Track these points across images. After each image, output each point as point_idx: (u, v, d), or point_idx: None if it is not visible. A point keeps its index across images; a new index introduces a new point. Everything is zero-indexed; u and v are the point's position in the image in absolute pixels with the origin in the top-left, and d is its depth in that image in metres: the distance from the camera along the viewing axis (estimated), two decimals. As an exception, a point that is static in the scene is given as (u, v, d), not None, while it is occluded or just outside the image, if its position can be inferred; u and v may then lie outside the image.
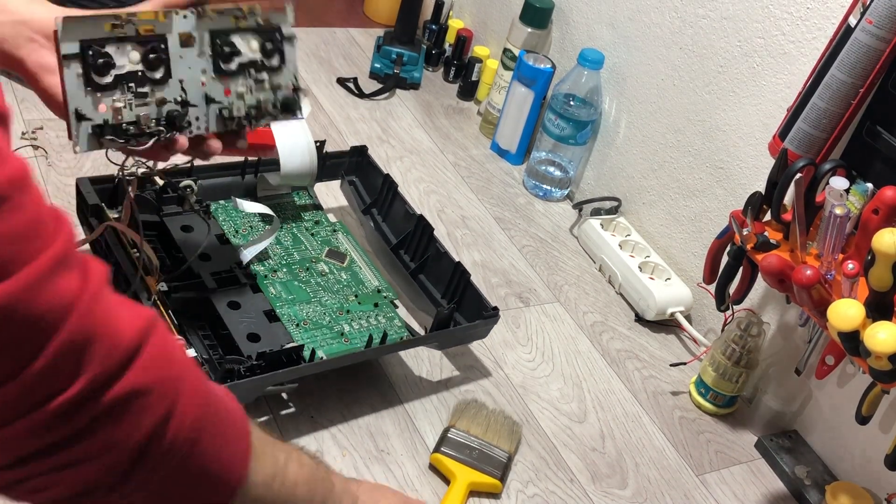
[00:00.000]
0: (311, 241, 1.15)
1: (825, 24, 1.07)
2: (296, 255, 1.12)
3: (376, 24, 1.79)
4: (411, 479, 0.96)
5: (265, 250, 1.09)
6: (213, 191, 1.14)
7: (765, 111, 1.16)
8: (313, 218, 1.18)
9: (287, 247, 1.12)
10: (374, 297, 1.10)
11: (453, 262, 1.09)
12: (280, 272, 1.08)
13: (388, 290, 1.12)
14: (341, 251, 1.14)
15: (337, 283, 1.10)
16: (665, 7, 1.30)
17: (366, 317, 1.07)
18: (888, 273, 0.80)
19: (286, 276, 1.08)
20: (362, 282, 1.11)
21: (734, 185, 1.21)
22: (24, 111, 1.27)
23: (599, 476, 1.04)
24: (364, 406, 1.03)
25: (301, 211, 1.19)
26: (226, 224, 1.12)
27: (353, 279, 1.11)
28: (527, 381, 1.13)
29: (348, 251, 1.14)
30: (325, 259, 1.12)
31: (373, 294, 1.10)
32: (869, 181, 0.96)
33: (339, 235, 1.17)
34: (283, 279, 1.08)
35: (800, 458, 1.12)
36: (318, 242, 1.15)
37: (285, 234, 1.14)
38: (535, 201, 1.46)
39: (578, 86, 1.40)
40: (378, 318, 1.07)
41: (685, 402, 1.18)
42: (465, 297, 1.08)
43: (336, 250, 1.14)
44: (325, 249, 1.14)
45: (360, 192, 1.23)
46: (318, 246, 1.14)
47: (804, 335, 1.11)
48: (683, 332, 1.28)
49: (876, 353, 0.79)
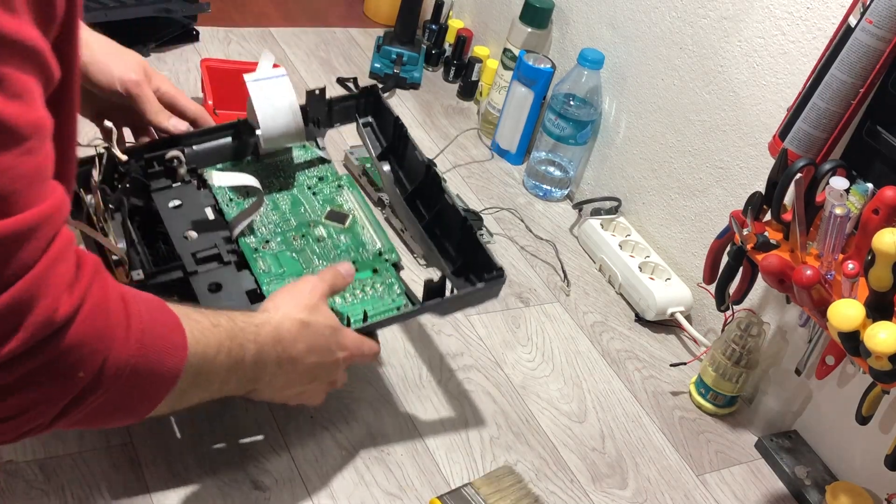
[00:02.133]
0: (311, 201, 1.05)
1: (825, 24, 1.07)
2: (293, 220, 1.02)
3: (376, 24, 1.79)
4: (411, 479, 0.96)
5: (254, 222, 1.01)
6: (207, 156, 1.03)
7: (765, 111, 1.16)
8: (318, 174, 1.08)
9: (284, 212, 1.03)
10: (374, 262, 1.01)
11: (461, 218, 1.00)
12: (273, 242, 0.99)
13: (390, 252, 1.02)
14: (344, 210, 1.05)
15: (335, 248, 1.01)
16: (665, 7, 1.30)
17: (361, 286, 0.98)
18: (888, 273, 0.80)
19: (279, 247, 0.99)
20: (363, 244, 1.02)
21: (734, 185, 1.21)
22: (23, 111, 1.27)
23: (599, 476, 1.04)
24: (364, 406, 1.03)
25: (306, 168, 1.09)
26: (220, 192, 1.02)
27: (353, 242, 1.02)
28: (527, 381, 1.13)
29: (352, 209, 1.05)
30: (324, 222, 1.03)
31: (373, 258, 1.01)
32: (869, 181, 0.96)
33: (345, 191, 1.07)
34: (274, 251, 0.99)
35: (800, 458, 1.12)
36: (320, 202, 1.05)
37: (283, 197, 1.05)
38: (535, 201, 1.46)
39: (578, 86, 1.40)
40: (375, 287, 0.98)
41: (685, 402, 1.18)
42: (474, 254, 0.98)
43: (338, 210, 1.04)
44: (327, 210, 1.04)
45: (378, 134, 1.11)
46: (320, 207, 1.05)
47: (804, 335, 1.11)
48: (683, 332, 1.28)
49: (876, 353, 0.79)
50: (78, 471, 0.86)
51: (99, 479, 0.86)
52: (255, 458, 0.93)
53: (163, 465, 0.89)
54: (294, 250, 1.00)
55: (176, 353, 0.66)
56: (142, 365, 0.62)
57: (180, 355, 0.67)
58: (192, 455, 0.91)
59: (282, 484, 0.91)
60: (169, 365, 0.66)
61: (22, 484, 0.84)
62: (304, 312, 0.83)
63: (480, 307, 1.21)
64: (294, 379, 0.84)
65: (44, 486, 0.84)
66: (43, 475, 0.85)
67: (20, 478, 0.84)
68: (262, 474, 0.91)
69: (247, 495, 0.89)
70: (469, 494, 0.94)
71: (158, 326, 0.65)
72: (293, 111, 1.03)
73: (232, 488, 0.89)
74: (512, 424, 1.06)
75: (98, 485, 0.85)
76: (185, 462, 0.90)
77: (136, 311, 0.62)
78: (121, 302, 0.61)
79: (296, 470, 0.93)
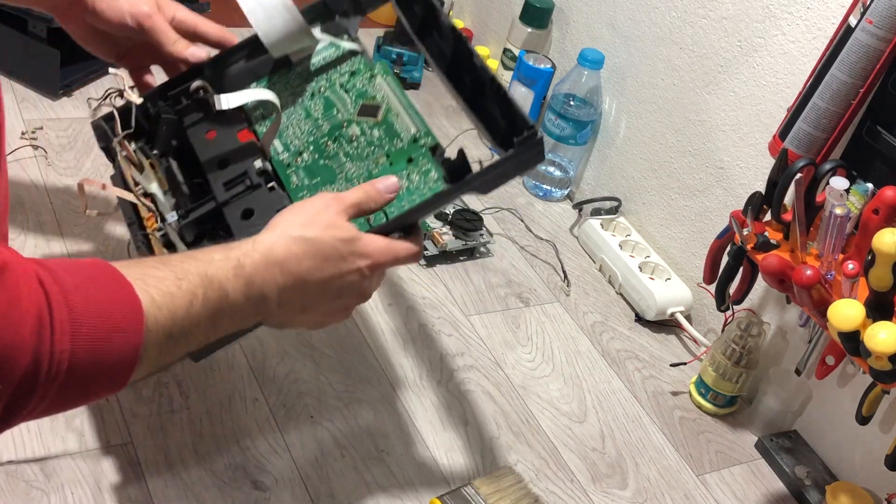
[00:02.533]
0: (343, 101, 0.98)
1: (825, 24, 1.07)
2: (325, 125, 0.96)
3: (376, 24, 1.79)
4: (411, 479, 0.96)
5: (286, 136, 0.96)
6: (238, 78, 0.99)
7: (765, 111, 1.16)
8: (350, 68, 1.01)
9: (316, 119, 0.97)
10: (409, 150, 0.93)
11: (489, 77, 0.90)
12: (305, 153, 0.94)
13: (426, 136, 0.94)
14: (376, 102, 0.97)
15: (368, 145, 0.94)
16: (665, 7, 1.30)
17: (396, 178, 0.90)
18: (888, 273, 0.80)
19: (311, 157, 0.94)
20: (398, 134, 0.95)
21: (734, 185, 1.21)
22: (23, 111, 1.27)
23: (599, 476, 1.04)
24: (364, 406, 1.03)
25: (338, 65, 1.02)
26: (255, 114, 0.97)
27: (386, 134, 0.95)
28: (527, 381, 1.13)
29: (385, 98, 0.98)
30: (357, 119, 0.97)
31: (408, 146, 0.94)
32: (869, 181, 0.96)
33: (378, 80, 0.99)
34: (307, 162, 0.94)
35: (800, 458, 1.12)
36: (353, 98, 0.98)
37: (316, 103, 0.98)
38: (535, 201, 1.46)
39: (578, 86, 1.40)
40: (411, 178, 0.91)
41: (685, 402, 1.18)
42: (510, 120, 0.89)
43: (370, 103, 0.97)
44: (359, 106, 0.98)
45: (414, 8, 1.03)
46: (352, 104, 0.98)
47: (804, 335, 1.11)
48: (683, 332, 1.28)
49: (876, 353, 0.79)
50: (78, 471, 0.86)
51: (99, 479, 0.86)
52: (255, 458, 0.93)
53: (163, 465, 0.89)
54: (327, 156, 0.95)
55: (127, 329, 0.61)
56: (82, 357, 0.58)
57: (132, 330, 0.61)
58: (192, 455, 0.91)
59: (282, 484, 0.91)
60: (120, 345, 0.60)
61: (22, 484, 0.84)
62: (305, 229, 0.75)
63: (480, 307, 1.21)
64: (312, 300, 0.76)
65: (44, 486, 0.84)
66: (43, 475, 0.85)
67: (20, 478, 0.84)
68: (262, 474, 0.91)
69: (247, 495, 0.89)
70: (469, 494, 0.94)
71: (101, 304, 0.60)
72: (286, 7, 0.97)
73: (232, 488, 0.89)
74: (512, 424, 1.06)
75: (98, 485, 0.85)
76: (185, 462, 0.90)
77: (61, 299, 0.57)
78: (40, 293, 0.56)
79: (296, 470, 0.93)
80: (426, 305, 1.19)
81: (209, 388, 0.98)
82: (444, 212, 1.31)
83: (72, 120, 1.28)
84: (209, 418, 0.95)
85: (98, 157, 1.23)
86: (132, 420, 0.92)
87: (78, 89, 1.35)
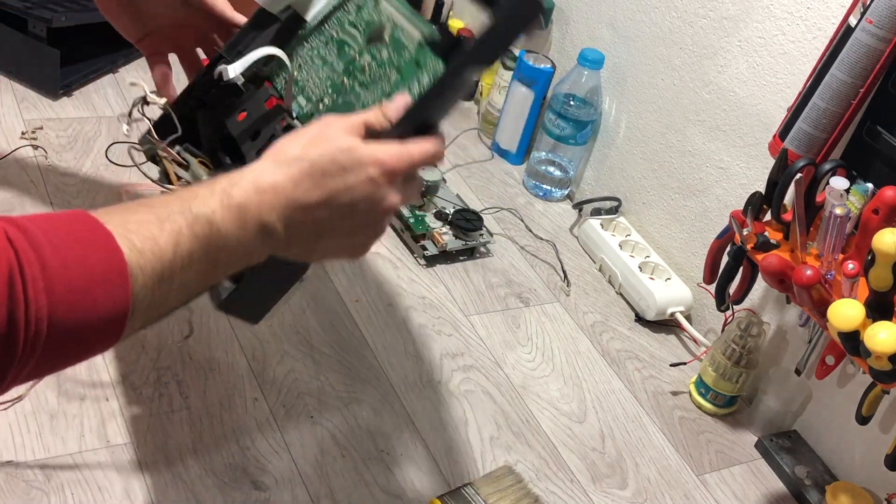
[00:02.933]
0: (354, 36, 0.97)
1: (825, 24, 1.07)
2: (339, 66, 0.96)
3: (376, 24, 1.79)
4: (411, 479, 0.96)
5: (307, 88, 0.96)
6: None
7: (765, 111, 1.16)
8: (356, 3, 1.00)
9: (331, 63, 0.97)
10: (417, 56, 0.92)
11: None
12: (326, 98, 0.94)
13: (431, 34, 0.92)
14: (381, 24, 0.96)
15: (379, 67, 0.93)
16: (665, 7, 1.30)
17: (406, 87, 0.90)
18: (888, 273, 0.80)
19: (331, 100, 0.94)
20: (405, 46, 0.94)
21: (734, 185, 1.21)
22: (24, 111, 1.27)
23: (599, 476, 1.04)
24: (364, 406, 1.03)
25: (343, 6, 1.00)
26: (278, 80, 0.97)
27: (394, 50, 0.94)
28: (527, 381, 1.13)
29: (389, 15, 0.96)
30: (367, 48, 0.95)
31: (416, 53, 0.92)
32: (869, 181, 0.96)
33: (382, 4, 0.98)
34: (328, 105, 0.93)
35: (800, 458, 1.12)
36: (362, 31, 0.97)
37: (330, 49, 0.98)
38: (535, 201, 1.46)
39: (578, 86, 1.40)
40: (420, 81, 0.90)
41: (685, 402, 1.18)
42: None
43: (376, 28, 0.96)
44: (367, 36, 0.96)
45: None
46: (362, 36, 0.97)
47: (804, 335, 1.11)
48: (683, 332, 1.28)
49: (876, 353, 0.79)
50: (78, 471, 0.86)
51: (99, 479, 0.86)
52: (255, 458, 0.93)
53: (163, 465, 0.89)
54: (345, 93, 0.94)
55: (110, 280, 0.58)
56: (63, 312, 0.55)
57: (115, 280, 0.58)
58: (192, 455, 0.91)
59: (282, 484, 0.91)
60: (104, 297, 0.58)
61: (22, 484, 0.84)
62: (296, 148, 0.69)
63: (480, 307, 1.21)
64: (323, 223, 0.70)
65: (44, 486, 0.84)
66: (43, 475, 0.85)
67: (20, 478, 0.84)
68: (262, 474, 0.91)
69: (247, 495, 0.89)
70: (469, 494, 0.94)
71: (77, 256, 0.57)
72: None
73: (232, 488, 0.89)
74: (512, 424, 1.06)
75: (98, 485, 0.85)
76: (185, 462, 0.90)
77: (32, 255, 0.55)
78: (9, 250, 0.53)
79: (296, 470, 0.93)
80: (426, 305, 1.19)
81: (209, 388, 0.98)
82: (445, 212, 1.31)
83: (72, 120, 1.28)
84: (209, 418, 0.95)
85: (98, 157, 1.23)
86: (132, 420, 0.92)
87: (78, 89, 1.35)
